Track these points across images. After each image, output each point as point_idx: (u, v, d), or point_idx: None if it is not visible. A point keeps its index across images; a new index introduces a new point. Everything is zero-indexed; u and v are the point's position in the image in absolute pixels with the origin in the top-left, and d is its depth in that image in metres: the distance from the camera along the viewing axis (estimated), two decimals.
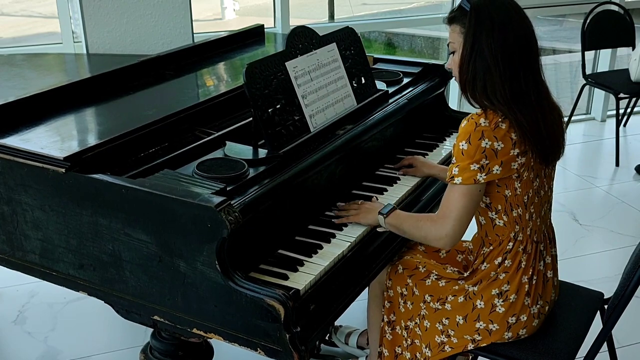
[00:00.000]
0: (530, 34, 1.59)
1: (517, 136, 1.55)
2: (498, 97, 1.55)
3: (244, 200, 1.47)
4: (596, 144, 4.36)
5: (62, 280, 1.66)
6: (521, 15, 1.59)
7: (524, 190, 1.62)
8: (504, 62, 1.55)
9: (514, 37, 1.55)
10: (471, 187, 1.57)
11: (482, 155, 1.54)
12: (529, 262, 1.67)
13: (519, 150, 1.56)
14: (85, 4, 2.71)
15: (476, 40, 1.56)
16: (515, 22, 1.57)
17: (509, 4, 1.59)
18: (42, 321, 2.59)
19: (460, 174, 1.56)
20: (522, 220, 1.65)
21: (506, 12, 1.57)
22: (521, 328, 1.69)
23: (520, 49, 1.56)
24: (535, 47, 1.61)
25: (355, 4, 7.62)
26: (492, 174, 1.56)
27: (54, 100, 1.90)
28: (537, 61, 1.61)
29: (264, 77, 1.71)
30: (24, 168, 1.58)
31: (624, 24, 4.17)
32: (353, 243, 1.68)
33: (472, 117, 1.57)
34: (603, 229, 3.27)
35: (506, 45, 1.55)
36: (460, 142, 1.56)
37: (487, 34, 1.55)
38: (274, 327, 1.35)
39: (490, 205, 1.65)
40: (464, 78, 1.61)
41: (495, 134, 1.54)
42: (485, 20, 1.55)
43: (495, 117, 1.55)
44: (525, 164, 1.59)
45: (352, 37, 2.06)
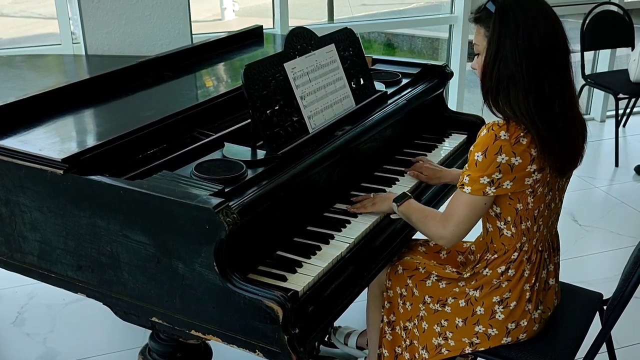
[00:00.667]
0: (558, 35, 1.51)
1: (536, 152, 1.50)
2: (522, 109, 1.49)
3: (243, 202, 1.47)
4: (595, 144, 4.36)
5: (60, 281, 1.66)
6: (549, 16, 1.51)
7: (535, 205, 1.59)
8: (528, 70, 1.48)
9: (540, 40, 1.48)
10: (477, 199, 1.56)
11: (496, 169, 1.51)
12: (533, 271, 1.66)
13: (537, 167, 1.52)
14: (83, 5, 2.70)
15: (500, 46, 1.50)
16: (542, 25, 1.49)
17: (536, 5, 1.52)
18: (41, 323, 2.59)
19: (470, 184, 1.55)
20: (530, 233, 1.63)
21: (533, 14, 1.49)
22: (521, 333, 1.69)
23: (547, 53, 1.49)
24: (564, 49, 1.53)
25: (355, 5, 7.62)
26: (502, 188, 1.54)
27: (52, 101, 1.89)
28: (566, 63, 1.54)
29: (262, 78, 1.71)
30: (22, 169, 1.58)
31: (623, 25, 4.17)
32: (352, 244, 1.68)
33: (493, 128, 1.52)
34: (602, 229, 3.27)
35: (531, 50, 1.48)
36: (477, 152, 1.52)
37: (511, 40, 1.48)
38: (273, 329, 1.35)
39: (499, 215, 1.63)
40: (487, 85, 1.55)
41: (514, 150, 1.49)
42: (510, 25, 1.49)
43: (517, 131, 1.50)
44: (541, 180, 1.55)
45: (351, 38, 2.06)
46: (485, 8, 1.56)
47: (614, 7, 4.21)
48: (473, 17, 1.60)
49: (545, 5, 1.54)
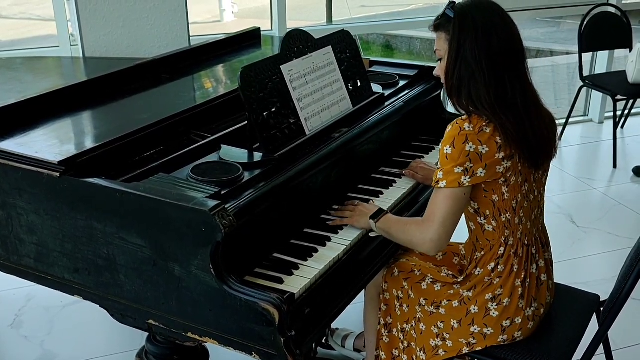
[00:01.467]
0: (515, 38, 1.59)
1: (502, 140, 1.55)
2: (483, 102, 1.56)
3: (239, 204, 1.47)
4: (594, 145, 4.37)
5: (57, 284, 1.66)
6: (505, 20, 1.59)
7: (512, 195, 1.61)
8: (488, 68, 1.55)
9: (498, 42, 1.56)
10: (455, 191, 1.57)
11: (466, 158, 1.54)
12: (521, 266, 1.67)
13: (505, 154, 1.56)
14: (81, 8, 2.71)
15: (460, 47, 1.57)
16: (499, 27, 1.57)
17: (493, 9, 1.60)
18: (38, 325, 2.59)
19: (444, 178, 1.57)
20: (512, 225, 1.65)
21: (490, 17, 1.57)
22: (516, 330, 1.69)
23: (505, 53, 1.57)
24: (521, 51, 1.61)
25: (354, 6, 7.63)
26: (477, 176, 1.56)
27: (49, 104, 1.89)
28: (524, 65, 1.61)
29: (259, 81, 1.71)
30: (18, 172, 1.58)
31: (621, 26, 4.17)
32: (348, 246, 1.68)
33: (457, 122, 1.58)
34: (600, 230, 3.27)
35: (490, 50, 1.55)
36: (445, 147, 1.57)
37: (470, 41, 1.56)
38: (269, 331, 1.35)
39: (478, 211, 1.65)
40: (450, 85, 1.62)
41: (479, 138, 1.54)
42: (469, 27, 1.56)
43: (479, 122, 1.56)
44: (512, 168, 1.58)
45: (348, 40, 2.06)
46: (444, 14, 1.63)
47: (612, 8, 4.22)
48: (433, 24, 1.66)
49: (501, 9, 1.61)
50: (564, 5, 4.34)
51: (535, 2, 4.36)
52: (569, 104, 4.39)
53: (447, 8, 1.62)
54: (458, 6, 1.60)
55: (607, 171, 3.96)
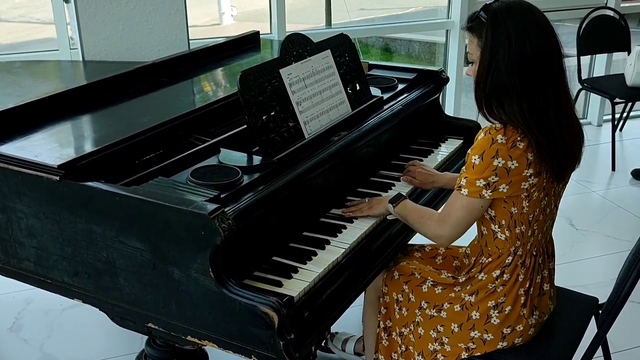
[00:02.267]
0: (550, 42, 1.52)
1: (533, 157, 1.51)
2: (517, 116, 1.50)
3: (238, 208, 1.47)
4: (592, 148, 4.37)
5: (56, 287, 1.66)
6: (540, 24, 1.52)
7: (531, 209, 1.60)
8: (522, 80, 1.49)
9: (532, 49, 1.49)
10: (474, 201, 1.57)
11: (492, 173, 1.52)
12: (527, 275, 1.67)
13: (533, 171, 1.53)
14: (81, 11, 2.71)
15: (493, 56, 1.51)
16: (533, 33, 1.49)
17: (527, 12, 1.52)
18: (38, 328, 2.59)
19: (467, 186, 1.56)
20: (524, 237, 1.64)
21: (524, 22, 1.50)
22: (517, 337, 1.69)
23: (539, 61, 1.50)
24: (557, 55, 1.53)
25: (353, 10, 7.64)
26: (498, 192, 1.54)
27: (49, 107, 1.90)
28: (560, 70, 1.54)
29: (258, 84, 1.71)
30: (18, 176, 1.58)
31: (619, 29, 4.18)
32: (348, 249, 1.68)
33: (490, 132, 1.52)
34: (599, 233, 3.28)
35: (524, 60, 1.49)
36: (474, 155, 1.53)
37: (504, 50, 1.49)
38: (268, 335, 1.35)
39: (494, 218, 1.64)
40: (481, 95, 1.56)
41: (510, 153, 1.50)
42: (502, 34, 1.50)
43: (514, 135, 1.51)
44: (537, 185, 1.56)
45: (347, 44, 2.07)
46: (477, 17, 1.57)
47: (610, 11, 4.23)
48: (466, 25, 1.61)
49: (536, 12, 1.54)
50: (562, 9, 4.35)
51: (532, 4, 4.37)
52: None
53: (480, 10, 1.55)
54: (491, 10, 1.53)
55: (606, 174, 3.97)
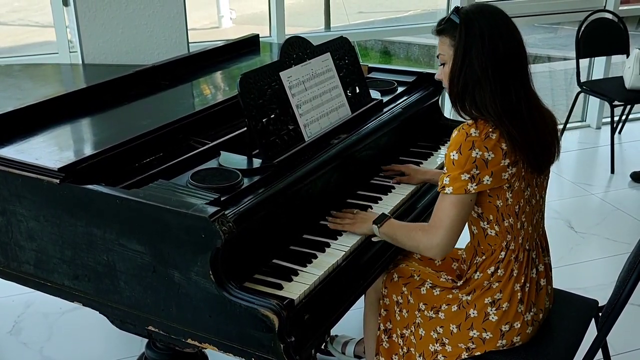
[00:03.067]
0: (520, 45, 1.60)
1: (507, 147, 1.56)
2: (489, 109, 1.56)
3: (238, 210, 1.47)
4: (591, 151, 4.38)
5: (56, 290, 1.66)
6: (510, 27, 1.59)
7: (515, 200, 1.62)
8: (494, 75, 1.56)
9: (504, 49, 1.56)
10: (462, 197, 1.58)
11: (472, 165, 1.55)
12: (521, 270, 1.67)
13: (510, 161, 1.57)
14: (80, 15, 2.72)
15: (466, 53, 1.57)
16: (504, 34, 1.57)
17: (498, 15, 1.60)
18: (37, 332, 2.59)
19: (451, 184, 1.57)
20: (514, 230, 1.65)
21: (495, 24, 1.58)
22: (515, 335, 1.69)
23: (510, 60, 1.57)
24: (525, 58, 1.62)
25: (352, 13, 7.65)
26: (483, 184, 1.56)
27: (49, 110, 1.90)
28: (527, 72, 1.62)
29: (258, 87, 1.72)
30: (18, 179, 1.58)
31: (618, 32, 4.19)
32: (348, 252, 1.69)
33: (463, 127, 1.58)
34: (598, 236, 3.28)
35: (496, 57, 1.56)
36: (451, 152, 1.57)
37: (477, 47, 1.56)
38: (268, 337, 1.35)
39: (482, 215, 1.66)
40: (454, 91, 1.62)
41: (485, 144, 1.54)
42: (475, 33, 1.56)
43: (485, 128, 1.56)
44: (516, 174, 1.59)
45: (346, 47, 2.07)
46: (449, 19, 1.62)
47: (608, 14, 4.24)
48: (437, 29, 1.66)
49: (505, 16, 1.61)
50: (561, 12, 4.36)
51: (532, 8, 4.38)
52: (567, 109, 4.40)
53: (452, 13, 1.62)
54: (463, 12, 1.60)
55: (605, 176, 3.97)
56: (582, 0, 4.44)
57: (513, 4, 4.26)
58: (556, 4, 4.47)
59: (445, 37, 1.63)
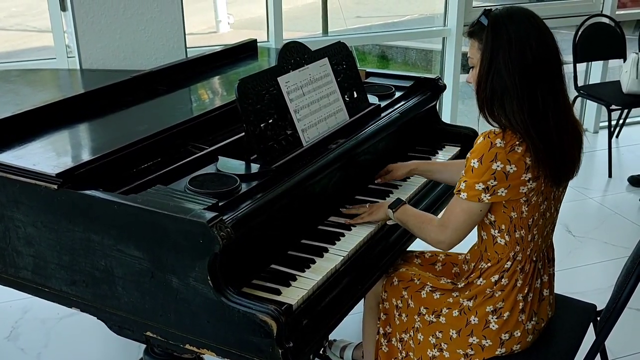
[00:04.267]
0: (550, 49, 1.55)
1: (531, 161, 1.53)
2: (516, 118, 1.52)
3: (236, 216, 1.47)
4: (589, 155, 4.38)
5: (54, 296, 1.65)
6: (541, 31, 1.54)
7: (530, 214, 1.60)
8: (521, 82, 1.51)
9: (532, 54, 1.51)
10: (473, 205, 1.58)
11: (491, 176, 1.53)
12: (526, 281, 1.67)
13: (531, 176, 1.54)
14: (78, 20, 2.72)
15: (493, 58, 1.53)
16: (533, 39, 1.52)
17: (528, 18, 1.55)
18: (35, 337, 2.58)
19: (466, 190, 1.57)
20: (524, 242, 1.64)
21: (525, 27, 1.53)
22: (515, 344, 1.69)
23: (539, 66, 1.53)
24: (556, 62, 1.56)
25: (349, 17, 7.66)
26: (497, 195, 1.55)
27: (47, 116, 1.90)
28: (559, 76, 1.57)
29: (256, 93, 1.72)
30: (16, 184, 1.58)
31: (615, 36, 4.20)
32: (346, 257, 1.68)
33: (489, 136, 1.54)
34: (596, 240, 3.28)
35: (523, 63, 1.51)
36: (473, 159, 1.55)
37: (504, 52, 1.52)
38: (267, 343, 1.35)
39: (494, 223, 1.64)
40: (482, 97, 1.58)
41: (509, 157, 1.52)
42: (503, 38, 1.52)
43: (512, 139, 1.53)
44: (535, 189, 1.57)
45: (344, 52, 2.08)
46: (478, 22, 1.59)
47: (605, 19, 4.25)
48: (467, 31, 1.64)
49: (536, 18, 1.57)
50: (558, 16, 4.37)
51: None
52: None
53: (481, 15, 1.58)
54: (492, 15, 1.56)
55: (603, 180, 3.98)
56: (579, 5, 4.45)
57: None
58: (553, 9, 4.49)
59: (475, 40, 1.60)
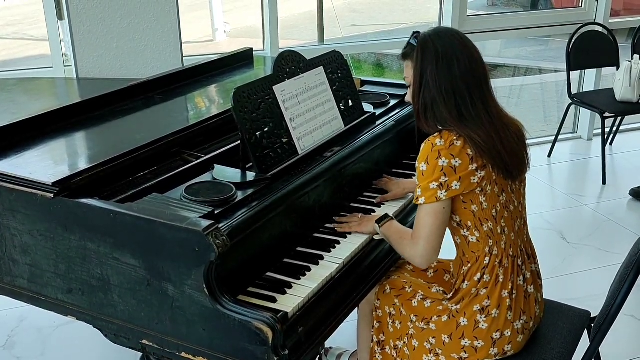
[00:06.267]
0: (476, 62, 1.66)
1: (473, 151, 1.61)
2: (448, 122, 1.63)
3: (232, 224, 1.48)
4: (583, 162, 4.41)
5: (50, 305, 1.66)
6: (466, 46, 1.67)
7: (490, 204, 1.66)
8: (448, 93, 1.63)
9: (458, 67, 1.63)
10: (434, 206, 1.62)
11: (440, 173, 1.60)
12: (507, 277, 1.69)
13: (477, 165, 1.62)
14: (75, 29, 2.73)
15: (423, 74, 1.66)
16: (459, 54, 1.64)
17: (453, 36, 1.67)
18: (31, 346, 2.57)
19: (423, 194, 1.62)
20: (495, 234, 1.68)
21: (450, 45, 1.65)
22: (506, 344, 1.70)
23: (466, 77, 1.64)
24: (483, 74, 1.68)
25: (345, 26, 7.71)
26: (452, 190, 1.61)
27: (43, 124, 1.91)
28: (487, 86, 1.68)
29: (251, 101, 1.73)
30: (12, 193, 1.59)
31: (608, 44, 4.23)
32: (341, 265, 1.69)
33: (429, 140, 1.64)
34: (590, 247, 3.30)
35: (450, 76, 1.63)
36: (420, 164, 1.63)
37: (432, 68, 1.64)
38: (262, 351, 1.35)
39: (460, 223, 1.69)
40: (417, 109, 1.70)
41: (451, 152, 1.60)
42: (431, 54, 1.64)
43: (450, 136, 1.62)
44: (486, 178, 1.64)
45: (339, 61, 2.09)
46: (409, 44, 1.72)
47: (598, 27, 4.28)
48: (401, 54, 1.75)
49: (461, 36, 1.69)
50: (552, 25, 4.40)
51: (524, 21, 4.43)
52: (558, 121, 4.44)
53: (411, 37, 1.71)
54: (421, 36, 1.69)
55: (597, 187, 4.00)
56: (572, 14, 4.49)
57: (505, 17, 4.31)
58: (547, 17, 4.52)
59: (409, 60, 1.73)
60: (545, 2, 8.24)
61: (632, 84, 3.90)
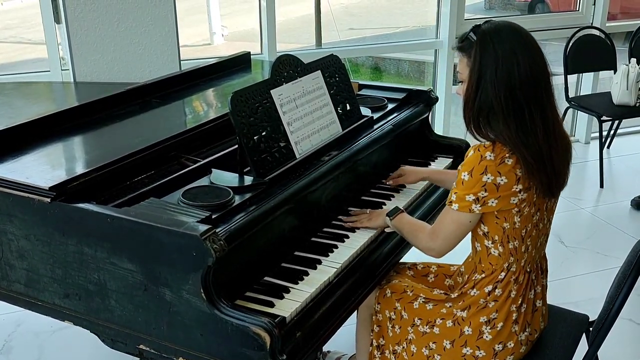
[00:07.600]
0: (538, 65, 1.56)
1: (522, 173, 1.54)
2: (504, 135, 1.54)
3: (230, 228, 1.47)
4: (580, 165, 4.41)
5: (47, 309, 1.65)
6: (528, 46, 1.56)
7: (522, 224, 1.61)
8: (507, 101, 1.53)
9: (519, 72, 1.52)
10: (463, 215, 1.60)
11: (481, 188, 1.55)
12: (520, 292, 1.68)
13: (522, 187, 1.55)
14: (72, 33, 2.73)
15: (481, 77, 1.55)
16: (520, 56, 1.53)
17: (515, 35, 1.56)
18: (28, 351, 2.57)
19: (457, 201, 1.60)
20: (518, 253, 1.65)
21: (511, 45, 1.54)
22: (508, 355, 1.69)
23: (526, 83, 1.53)
24: (546, 80, 1.57)
25: (342, 29, 7.70)
26: (488, 206, 1.57)
27: (40, 129, 1.90)
28: (548, 91, 1.58)
29: (249, 105, 1.73)
30: (9, 197, 1.58)
31: (606, 48, 4.24)
32: (339, 269, 1.69)
33: (479, 149, 1.55)
34: (588, 250, 3.30)
35: (510, 82, 1.53)
36: (463, 172, 1.57)
37: (491, 72, 1.53)
38: (260, 356, 1.35)
39: (487, 234, 1.65)
40: (469, 114, 1.60)
41: (499, 169, 1.53)
42: (490, 57, 1.54)
43: (502, 152, 1.54)
44: (527, 200, 1.58)
45: (337, 65, 2.09)
46: (467, 38, 1.61)
47: (596, 31, 4.29)
48: (456, 45, 1.65)
49: (524, 35, 1.58)
50: (549, 29, 4.41)
51: (521, 25, 4.43)
52: None
53: (470, 31, 1.60)
54: (480, 31, 1.57)
55: (595, 191, 4.00)
56: (569, 17, 4.50)
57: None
58: (544, 21, 4.53)
59: (464, 55, 1.61)
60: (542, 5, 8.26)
61: (629, 87, 3.91)
